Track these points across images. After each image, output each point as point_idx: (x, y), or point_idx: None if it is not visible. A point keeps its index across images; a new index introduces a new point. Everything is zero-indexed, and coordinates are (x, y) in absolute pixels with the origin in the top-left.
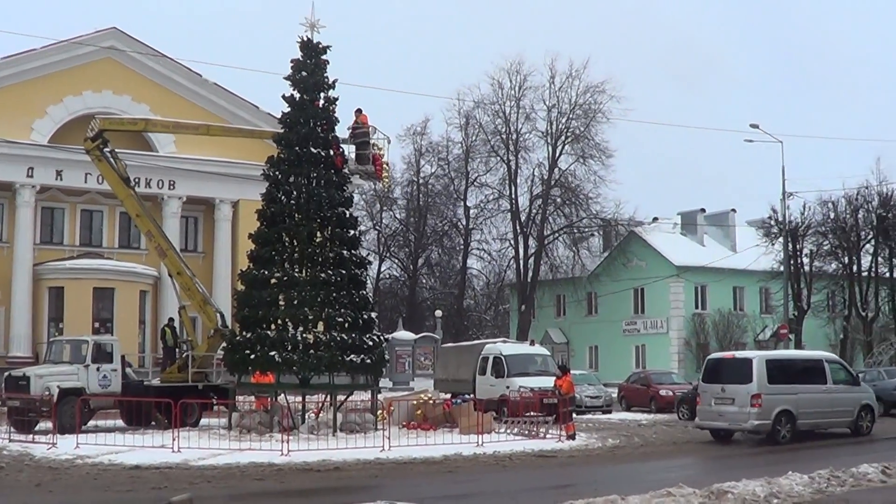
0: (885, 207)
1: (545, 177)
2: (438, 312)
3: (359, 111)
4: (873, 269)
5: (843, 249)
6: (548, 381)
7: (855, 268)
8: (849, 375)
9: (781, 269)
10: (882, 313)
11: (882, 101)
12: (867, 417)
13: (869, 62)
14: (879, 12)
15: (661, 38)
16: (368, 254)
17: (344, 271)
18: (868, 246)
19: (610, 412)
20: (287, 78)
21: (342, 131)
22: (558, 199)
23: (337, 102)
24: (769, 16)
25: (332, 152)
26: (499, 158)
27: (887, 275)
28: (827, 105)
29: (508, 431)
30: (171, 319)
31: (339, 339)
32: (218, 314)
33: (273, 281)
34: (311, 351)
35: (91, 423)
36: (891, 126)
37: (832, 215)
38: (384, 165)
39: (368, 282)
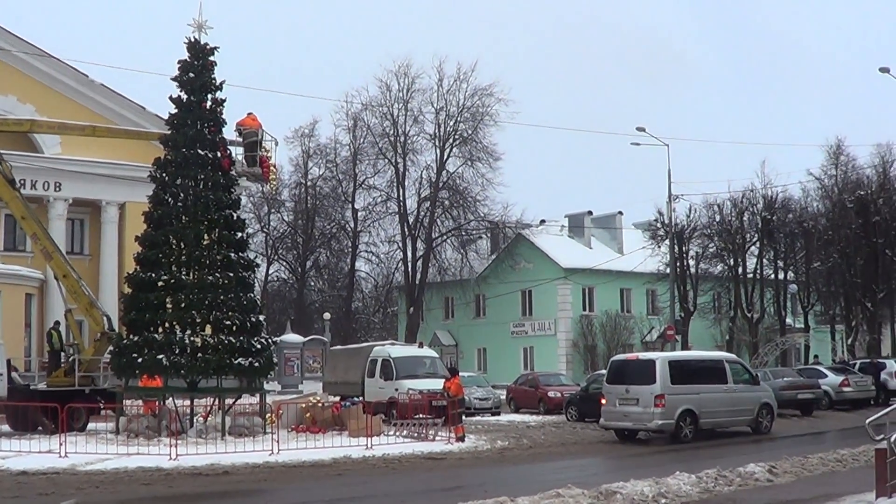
0: (770, 210)
1: (433, 179)
2: (327, 315)
3: (249, 114)
4: (758, 271)
5: (728, 251)
6: (437, 384)
7: (740, 270)
8: (749, 375)
9: (668, 270)
10: (767, 314)
11: (768, 105)
12: (767, 416)
13: (754, 68)
14: (767, 14)
15: (553, 38)
16: (256, 256)
17: (231, 274)
18: (753, 248)
19: (499, 414)
20: (174, 79)
21: (229, 133)
22: (446, 202)
23: (224, 104)
24: (657, 20)
25: (219, 154)
26: (387, 161)
27: (772, 276)
28: (712, 109)
29: (397, 434)
30: (57, 323)
31: (226, 342)
32: (105, 317)
33: (160, 284)
34: (199, 354)
35: None
36: (776, 129)
37: (718, 218)
38: (271, 167)
39: (256, 284)
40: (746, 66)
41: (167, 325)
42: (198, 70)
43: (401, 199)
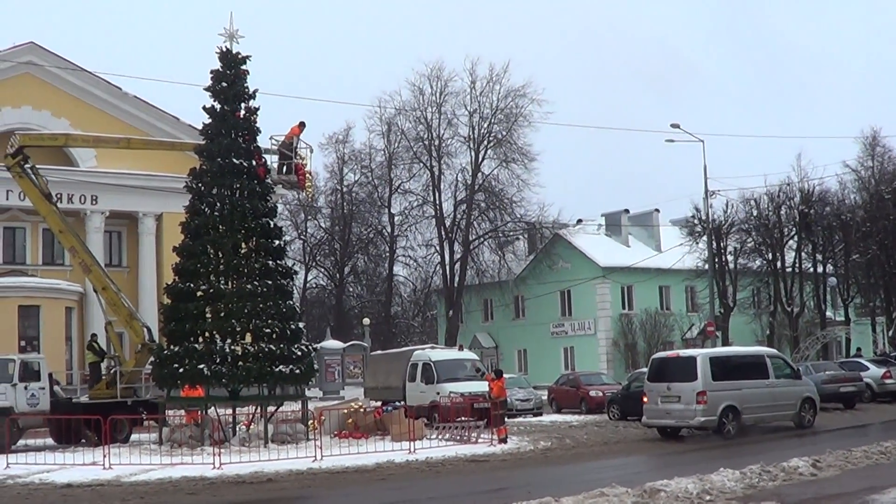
0: (807, 203)
1: (469, 182)
2: (366, 320)
3: (302, 124)
4: (797, 265)
5: (766, 246)
6: (478, 386)
7: (779, 264)
8: (790, 370)
9: (706, 267)
10: (807, 308)
11: (801, 99)
12: (809, 410)
13: (785, 63)
14: (795, 8)
15: (584, 35)
16: (294, 263)
17: (270, 282)
18: (791, 242)
19: (541, 414)
20: (207, 89)
21: (264, 141)
22: (482, 204)
23: (258, 112)
24: (689, 17)
25: (254, 163)
26: (422, 165)
27: (811, 270)
28: (745, 105)
29: (440, 437)
30: (94, 335)
31: (267, 350)
32: (145, 329)
33: (199, 293)
34: (240, 363)
35: (20, 442)
36: (810, 122)
37: (755, 212)
38: (307, 174)
39: (295, 292)
40: (777, 63)
41: (207, 334)
42: (230, 79)
43: (437, 202)
